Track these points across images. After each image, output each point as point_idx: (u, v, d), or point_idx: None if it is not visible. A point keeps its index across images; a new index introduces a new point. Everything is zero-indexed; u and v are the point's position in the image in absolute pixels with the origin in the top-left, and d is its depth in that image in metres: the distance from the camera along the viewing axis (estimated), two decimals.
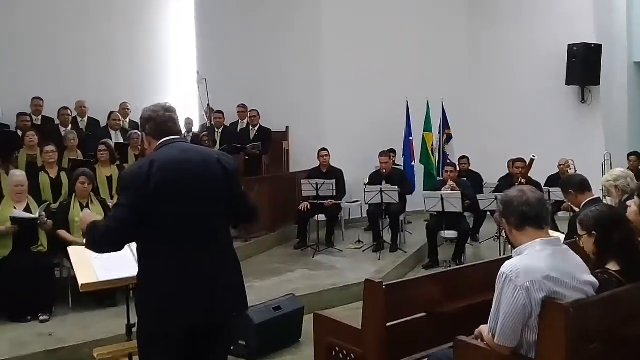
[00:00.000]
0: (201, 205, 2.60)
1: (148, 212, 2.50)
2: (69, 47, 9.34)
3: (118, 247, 2.61)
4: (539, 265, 2.36)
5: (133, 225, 2.50)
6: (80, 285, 3.14)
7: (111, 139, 7.63)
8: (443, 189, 7.32)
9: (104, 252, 2.68)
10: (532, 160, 6.99)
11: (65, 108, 8.30)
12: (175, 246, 2.55)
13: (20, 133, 7.61)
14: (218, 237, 2.69)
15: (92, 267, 3.21)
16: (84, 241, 2.73)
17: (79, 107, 8.71)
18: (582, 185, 4.27)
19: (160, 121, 2.71)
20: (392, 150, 9.07)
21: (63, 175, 6.30)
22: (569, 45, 9.44)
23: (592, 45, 9.33)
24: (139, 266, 2.65)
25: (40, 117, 8.43)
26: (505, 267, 2.39)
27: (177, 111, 2.82)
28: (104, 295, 5.21)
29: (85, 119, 8.74)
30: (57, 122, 8.29)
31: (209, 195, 2.62)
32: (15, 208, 5.32)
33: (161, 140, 2.69)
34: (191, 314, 2.56)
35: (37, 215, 5.28)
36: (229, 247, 2.79)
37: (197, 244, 2.59)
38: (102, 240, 2.56)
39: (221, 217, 2.72)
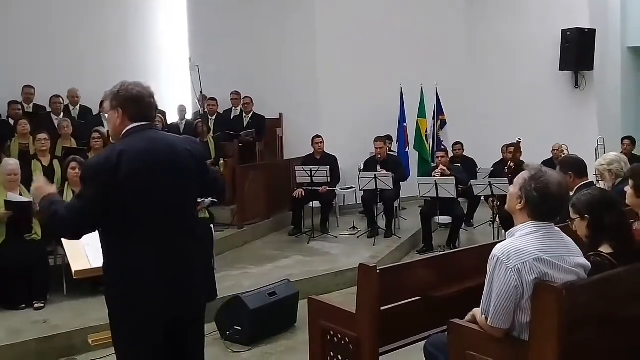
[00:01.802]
0: (171, 195, 2.55)
1: (115, 204, 2.43)
2: (60, 34, 9.23)
3: (77, 237, 2.63)
4: (529, 247, 2.36)
5: (94, 217, 2.46)
6: (73, 272, 3.13)
7: (104, 127, 7.57)
8: (434, 173, 7.35)
9: (63, 238, 2.77)
10: (518, 143, 6.99)
11: (57, 96, 8.23)
12: (145, 238, 2.50)
13: (12, 122, 7.57)
14: (188, 226, 2.64)
15: (85, 254, 3.21)
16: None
17: (71, 97, 8.64)
18: (582, 168, 4.24)
19: (145, 106, 2.60)
20: (389, 137, 9.07)
21: (56, 163, 6.28)
22: (562, 30, 9.41)
23: (586, 30, 9.30)
24: (105, 260, 2.58)
25: (31, 105, 8.38)
26: (497, 249, 2.39)
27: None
28: (99, 282, 5.21)
29: (77, 107, 8.69)
30: (48, 110, 8.24)
31: (178, 185, 2.57)
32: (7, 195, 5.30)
33: (133, 125, 2.58)
34: (167, 306, 2.53)
35: (32, 199, 5.26)
36: (199, 235, 2.76)
37: (168, 235, 2.54)
38: (61, 227, 2.56)
39: (191, 206, 2.70)
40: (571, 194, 4.22)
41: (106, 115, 2.80)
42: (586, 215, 2.84)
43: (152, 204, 2.50)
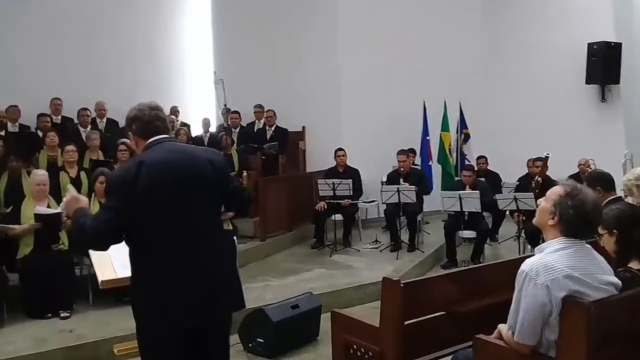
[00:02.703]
0: (191, 205, 2.56)
1: (137, 214, 2.47)
2: (89, 49, 9.44)
3: (103, 248, 2.62)
4: (559, 263, 2.33)
5: (116, 227, 2.48)
6: (100, 282, 3.16)
7: (130, 139, 7.68)
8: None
9: (90, 249, 2.74)
10: (546, 158, 6.91)
11: (85, 109, 8.40)
12: (167, 248, 2.53)
13: (40, 134, 7.73)
14: (211, 237, 2.65)
15: (111, 264, 3.24)
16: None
17: (98, 110, 8.80)
18: (610, 183, 4.18)
19: (147, 120, 2.66)
20: (412, 150, 9.06)
21: (83, 175, 6.38)
22: (588, 43, 9.32)
23: (612, 44, 9.20)
24: (131, 269, 2.62)
25: (59, 117, 8.56)
26: (526, 264, 2.36)
27: (163, 109, 2.78)
28: (124, 293, 5.28)
29: (104, 119, 8.84)
30: (76, 122, 8.39)
31: (198, 195, 2.59)
32: (35, 207, 5.39)
33: (149, 140, 2.65)
34: (188, 316, 2.55)
35: (61, 210, 5.34)
36: (223, 246, 2.76)
37: (190, 245, 2.55)
38: (89, 239, 2.56)
39: (213, 216, 2.69)
40: None
41: None
42: (614, 231, 2.79)
43: (171, 213, 2.52)
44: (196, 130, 9.75)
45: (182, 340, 2.59)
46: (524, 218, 6.90)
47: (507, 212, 7.64)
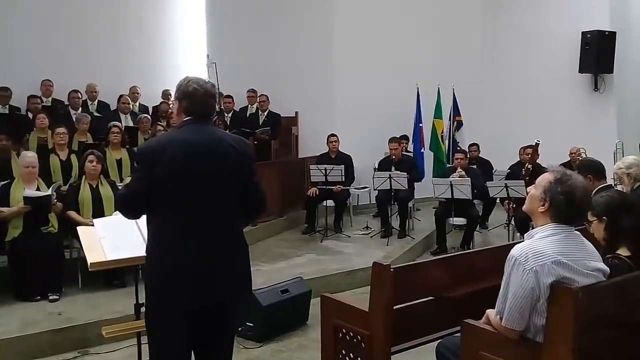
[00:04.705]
0: (208, 187, 2.58)
1: (156, 187, 2.54)
2: (80, 30, 9.33)
3: (134, 212, 2.76)
4: (548, 249, 2.33)
5: (140, 195, 2.60)
6: (89, 264, 3.16)
7: (121, 123, 7.64)
8: (452, 175, 7.30)
9: (126, 216, 2.80)
10: (536, 145, 6.93)
11: (76, 91, 8.31)
12: (177, 228, 2.56)
13: (30, 115, 7.65)
14: (227, 222, 2.66)
15: (101, 247, 3.24)
16: (93, 222, 2.90)
17: (89, 92, 8.72)
18: (601, 172, 4.21)
19: (197, 102, 2.66)
20: (405, 137, 9.05)
21: (73, 157, 6.32)
22: (582, 32, 9.32)
23: (606, 33, 9.19)
24: (148, 243, 2.67)
25: (50, 98, 8.46)
26: (515, 250, 2.37)
27: (216, 95, 2.82)
28: (113, 276, 5.27)
29: (96, 102, 8.76)
30: (66, 104, 8.31)
31: (215, 177, 2.60)
32: (24, 189, 5.35)
33: (188, 117, 2.68)
34: (194, 295, 2.56)
35: (50, 192, 5.31)
36: (239, 233, 2.75)
37: (204, 226, 2.57)
38: (120, 205, 2.84)
39: (231, 202, 2.67)
40: None
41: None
42: (604, 217, 2.81)
43: (187, 192, 2.56)
44: None
45: (187, 323, 2.60)
46: (514, 206, 6.93)
47: (498, 200, 7.67)
